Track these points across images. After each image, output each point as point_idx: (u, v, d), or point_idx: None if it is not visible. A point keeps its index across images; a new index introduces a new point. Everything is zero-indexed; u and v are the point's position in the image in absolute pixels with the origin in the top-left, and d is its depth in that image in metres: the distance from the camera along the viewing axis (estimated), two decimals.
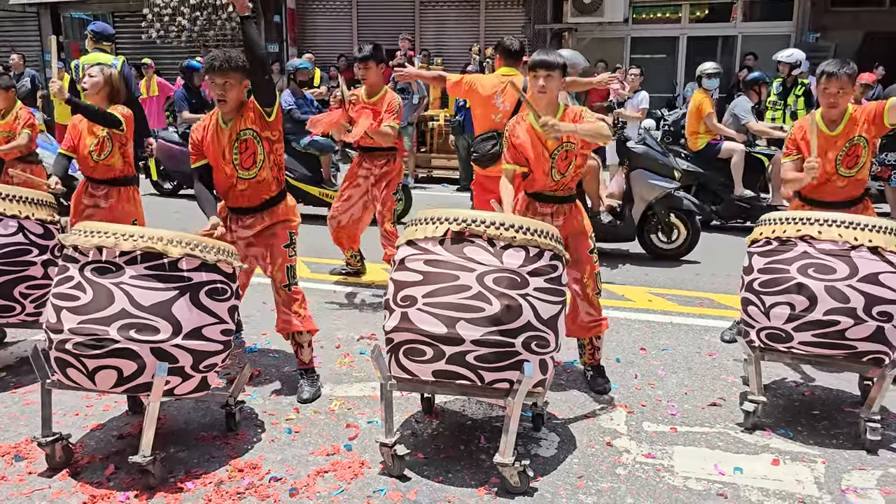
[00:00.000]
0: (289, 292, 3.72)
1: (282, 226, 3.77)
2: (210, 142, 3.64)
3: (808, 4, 12.88)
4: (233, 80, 3.50)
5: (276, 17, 14.97)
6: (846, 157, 3.89)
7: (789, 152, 4.04)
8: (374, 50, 5.32)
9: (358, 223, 5.72)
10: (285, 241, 3.76)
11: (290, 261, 3.76)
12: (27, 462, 3.10)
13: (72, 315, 2.85)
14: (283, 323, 3.74)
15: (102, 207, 4.50)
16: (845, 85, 3.78)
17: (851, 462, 3.17)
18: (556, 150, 3.59)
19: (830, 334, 3.20)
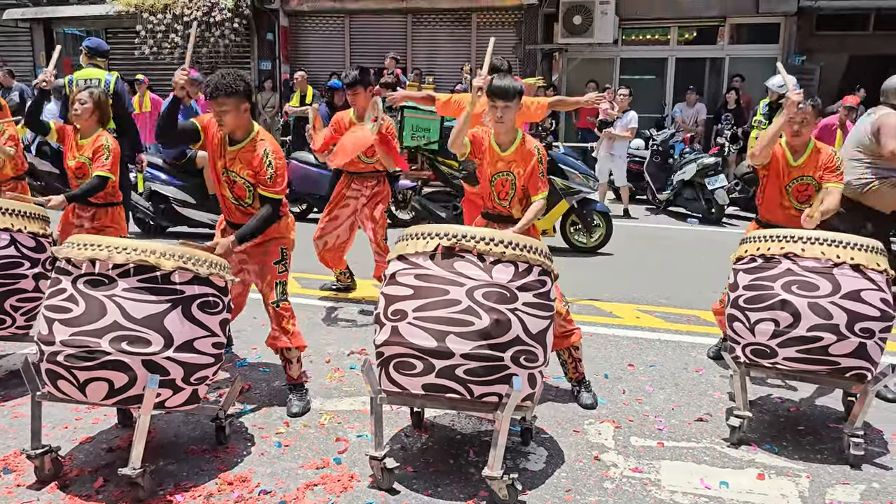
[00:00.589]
0: (276, 309, 3.74)
1: (275, 242, 3.82)
2: (213, 145, 3.72)
3: (794, 28, 13.08)
4: (228, 105, 3.55)
5: (269, 34, 15.07)
6: (796, 190, 4.10)
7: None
8: (361, 74, 5.33)
9: (344, 245, 5.74)
10: (276, 258, 3.80)
11: (280, 277, 3.79)
12: (16, 475, 3.10)
13: (64, 327, 2.87)
14: (271, 339, 3.77)
15: (87, 227, 4.56)
16: (808, 116, 3.99)
17: (835, 476, 3.21)
18: (496, 175, 3.81)
19: (814, 350, 3.25)
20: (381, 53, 13.37)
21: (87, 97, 4.49)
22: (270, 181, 3.62)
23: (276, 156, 3.66)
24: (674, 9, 13.50)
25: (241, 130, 3.66)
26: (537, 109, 5.21)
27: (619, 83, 13.25)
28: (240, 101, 3.57)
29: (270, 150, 3.65)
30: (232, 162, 3.67)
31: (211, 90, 3.51)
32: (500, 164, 3.79)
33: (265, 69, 15.12)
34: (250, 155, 3.64)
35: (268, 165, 3.62)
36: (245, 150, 3.65)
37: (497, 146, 3.80)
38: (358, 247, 6.02)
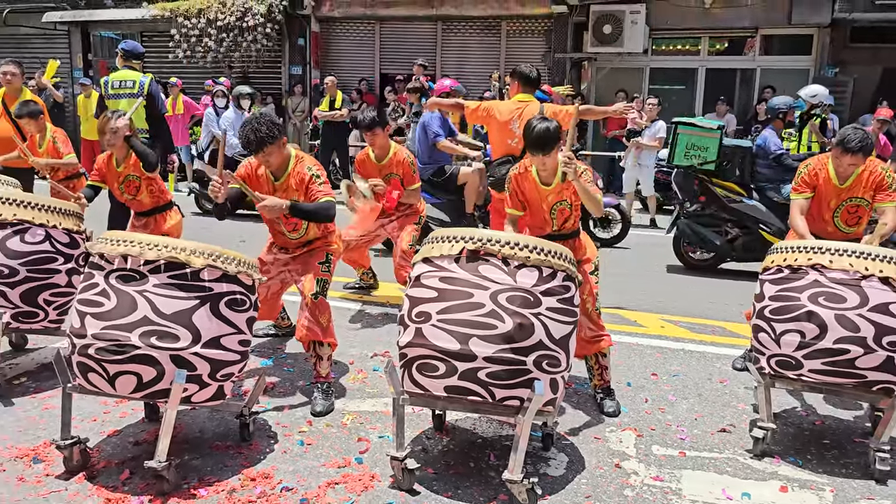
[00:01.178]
0: (315, 301, 3.80)
1: (322, 249, 4.02)
2: (260, 185, 3.87)
3: (828, 39, 12.93)
4: (273, 150, 3.72)
5: (301, 39, 15.23)
6: (846, 213, 4.00)
7: (801, 190, 4.11)
8: (378, 116, 5.38)
9: (368, 243, 5.83)
10: (321, 259, 3.97)
11: (323, 275, 3.92)
12: (45, 464, 3.17)
13: (95, 321, 2.93)
14: (305, 330, 3.79)
15: None
16: (859, 162, 3.94)
17: (860, 492, 3.17)
18: (556, 204, 3.74)
19: (840, 363, 3.22)
20: (411, 60, 13.44)
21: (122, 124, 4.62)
22: (321, 187, 3.79)
23: (318, 169, 3.87)
24: (705, 19, 13.42)
25: (283, 162, 3.84)
26: (565, 117, 5.22)
27: (648, 93, 13.19)
28: (279, 141, 3.74)
29: (312, 165, 3.86)
30: (286, 193, 3.82)
31: (256, 145, 3.67)
32: (551, 198, 3.73)
33: (296, 74, 15.28)
34: (298, 177, 3.82)
35: (315, 177, 3.81)
36: (291, 175, 3.83)
37: (542, 184, 3.73)
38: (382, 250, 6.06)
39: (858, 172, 4.00)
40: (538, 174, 3.73)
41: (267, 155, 3.71)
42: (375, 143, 5.44)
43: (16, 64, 6.53)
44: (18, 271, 3.85)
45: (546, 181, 3.73)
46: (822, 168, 4.09)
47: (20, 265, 3.85)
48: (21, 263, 3.85)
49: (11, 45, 16.83)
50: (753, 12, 13.12)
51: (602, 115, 6.13)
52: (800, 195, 4.13)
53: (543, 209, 3.77)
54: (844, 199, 3.99)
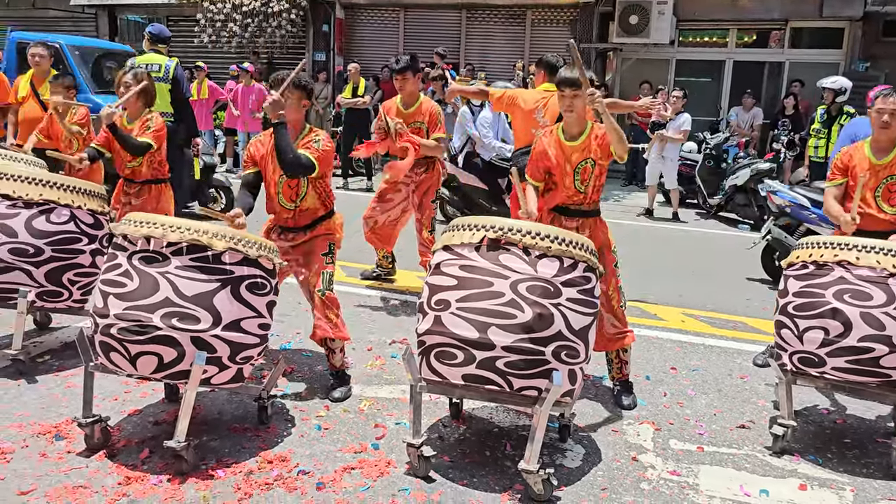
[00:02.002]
0: (322, 298, 3.75)
1: (324, 238, 3.90)
2: (267, 161, 3.80)
3: (859, 33, 12.70)
4: (292, 98, 3.67)
5: (325, 26, 15.23)
6: (887, 191, 3.87)
7: (833, 177, 4.03)
8: (411, 60, 5.38)
9: (395, 224, 5.80)
10: (324, 250, 3.87)
11: (327, 268, 3.83)
12: (67, 441, 3.22)
13: (118, 301, 2.96)
14: (318, 329, 3.76)
15: (134, 204, 4.71)
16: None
17: (881, 492, 3.13)
18: (580, 163, 3.66)
19: (864, 361, 3.17)
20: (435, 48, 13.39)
21: (132, 80, 4.62)
22: (317, 149, 3.71)
23: (326, 142, 3.77)
24: (733, 11, 13.23)
25: (296, 128, 3.77)
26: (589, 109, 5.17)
27: (673, 85, 13.05)
28: (302, 96, 3.71)
29: (322, 138, 3.77)
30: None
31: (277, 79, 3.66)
32: (576, 156, 3.66)
33: (319, 60, 15.29)
34: (304, 144, 3.73)
35: (314, 142, 3.74)
36: (299, 145, 3.74)
37: (566, 140, 3.69)
38: (402, 237, 6.06)
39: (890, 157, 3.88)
40: (563, 131, 3.70)
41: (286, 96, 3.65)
42: (405, 88, 5.40)
43: (44, 46, 6.59)
44: (44, 251, 3.89)
45: (572, 136, 3.68)
46: (857, 150, 4.00)
47: (45, 245, 3.89)
48: (46, 243, 3.90)
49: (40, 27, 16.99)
50: (783, 4, 12.92)
51: (627, 110, 6.08)
52: (832, 183, 4.06)
53: (567, 172, 3.67)
54: (884, 177, 3.87)
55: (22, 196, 3.90)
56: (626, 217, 9.96)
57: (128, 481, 2.91)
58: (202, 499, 2.82)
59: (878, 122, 3.87)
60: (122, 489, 2.86)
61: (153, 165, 4.74)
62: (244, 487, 2.91)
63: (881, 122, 3.86)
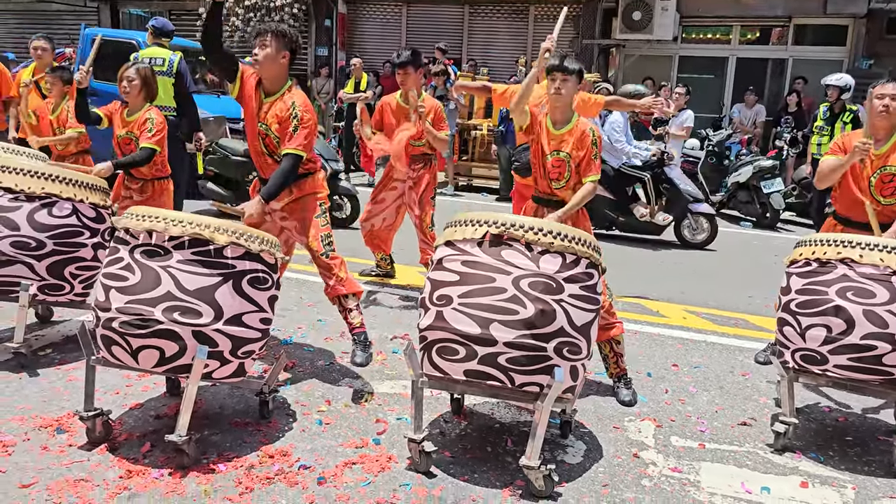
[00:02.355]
0: (327, 259, 3.82)
1: (311, 197, 3.91)
2: (249, 95, 3.77)
3: (863, 30, 12.68)
4: (269, 46, 3.63)
5: (327, 21, 15.21)
6: (880, 181, 3.84)
7: (833, 152, 3.98)
8: (413, 55, 5.35)
9: (391, 228, 5.79)
10: (316, 212, 3.89)
11: (324, 229, 3.87)
12: (68, 435, 3.22)
13: (120, 295, 2.96)
14: (329, 289, 3.86)
15: (136, 200, 4.71)
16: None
17: (883, 490, 3.13)
18: (548, 155, 3.76)
19: (867, 359, 3.17)
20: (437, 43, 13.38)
21: (134, 74, 4.61)
22: (294, 132, 3.66)
23: (303, 109, 3.69)
24: (737, 7, 13.20)
25: (277, 81, 3.74)
26: (593, 106, 5.18)
27: (676, 81, 13.02)
28: (281, 46, 3.66)
29: (299, 104, 3.70)
30: (265, 115, 3.74)
31: (260, 28, 3.66)
32: (552, 143, 3.75)
33: (322, 55, 15.27)
34: (280, 105, 3.70)
35: (293, 117, 3.66)
36: (276, 101, 3.72)
37: (551, 124, 3.79)
38: (402, 233, 6.05)
39: (894, 139, 3.84)
40: (550, 117, 3.78)
41: (263, 43, 3.61)
42: (406, 83, 5.37)
43: (46, 39, 6.57)
44: (45, 244, 3.89)
45: (556, 121, 3.76)
46: (856, 137, 3.95)
47: (47, 238, 3.89)
48: (48, 237, 3.89)
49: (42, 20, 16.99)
50: (787, 1, 12.88)
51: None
52: (830, 155, 4.00)
53: (539, 151, 3.78)
54: (879, 167, 3.84)
55: (24, 189, 3.89)
56: None
57: (129, 475, 2.91)
58: (203, 493, 2.83)
59: (878, 108, 3.82)
60: (124, 483, 2.86)
61: (155, 166, 4.75)
62: (245, 482, 2.91)
63: (881, 108, 3.80)
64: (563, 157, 3.74)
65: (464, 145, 11.96)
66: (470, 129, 11.86)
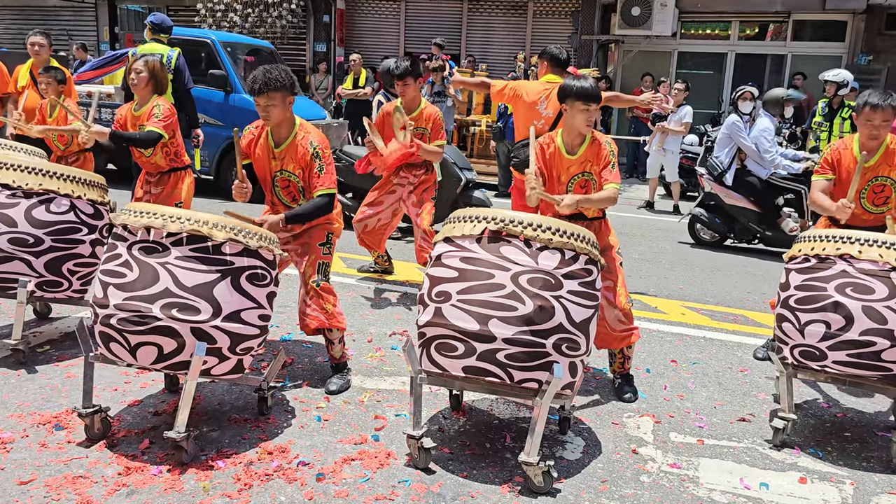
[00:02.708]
0: (317, 288, 3.72)
1: (322, 227, 3.85)
2: (259, 156, 3.77)
3: (862, 26, 12.67)
4: (275, 100, 3.59)
5: (326, 17, 15.18)
6: (872, 192, 3.87)
7: (823, 171, 4.01)
8: (412, 66, 5.33)
9: (385, 228, 5.77)
10: (322, 241, 3.82)
11: (324, 258, 3.80)
12: (67, 431, 3.21)
13: (118, 291, 2.95)
14: (308, 319, 3.71)
15: (153, 194, 4.73)
16: (889, 117, 3.78)
17: (881, 486, 3.13)
18: (575, 176, 3.65)
19: (866, 355, 3.17)
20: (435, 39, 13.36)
21: (142, 66, 4.61)
22: (321, 173, 3.64)
23: (322, 146, 3.68)
24: (736, 3, 13.19)
25: (286, 126, 3.70)
26: None
27: (675, 77, 13.01)
28: (286, 95, 3.62)
29: (316, 142, 3.68)
30: (284, 162, 3.72)
31: (259, 86, 3.54)
32: (573, 168, 3.64)
33: (320, 51, 15.24)
34: (300, 150, 3.67)
35: (315, 157, 3.65)
36: (291, 145, 3.69)
37: (565, 150, 3.64)
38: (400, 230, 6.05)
39: (884, 149, 3.86)
40: (563, 142, 3.65)
41: (269, 101, 3.55)
42: (406, 93, 5.36)
43: (44, 35, 6.55)
44: (43, 241, 3.88)
45: (571, 150, 3.64)
46: (846, 148, 3.98)
47: (45, 234, 3.88)
48: (46, 233, 3.89)
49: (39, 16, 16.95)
50: None
51: (629, 104, 6.06)
52: (820, 176, 4.03)
53: (560, 182, 3.65)
54: (870, 178, 3.87)
55: (22, 186, 3.89)
56: (627, 210, 9.95)
57: (128, 471, 2.91)
58: (202, 489, 2.82)
59: (867, 133, 3.85)
60: (122, 479, 2.85)
61: (170, 156, 4.74)
62: (244, 478, 2.91)
63: (870, 135, 3.85)
64: (588, 177, 3.64)
65: (462, 141, 11.96)
66: (468, 125, 11.85)
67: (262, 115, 3.63)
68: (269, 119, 3.63)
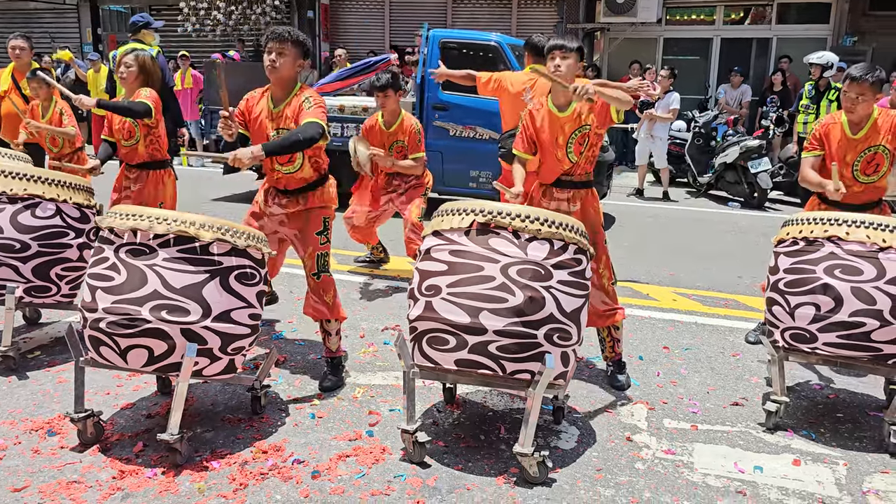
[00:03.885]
0: (318, 280, 3.75)
1: (317, 212, 3.80)
2: (257, 120, 3.70)
3: (846, 7, 12.69)
4: (287, 53, 3.56)
5: (310, 12, 15.10)
6: (864, 163, 3.87)
7: (812, 148, 4.01)
8: (393, 78, 5.36)
9: (374, 222, 5.79)
10: (318, 228, 3.79)
11: (322, 248, 3.79)
12: (60, 437, 3.20)
13: (106, 295, 2.93)
14: (311, 309, 3.80)
15: (133, 190, 4.67)
16: (865, 91, 3.76)
17: (874, 465, 3.15)
18: (574, 133, 3.61)
19: (856, 336, 3.18)
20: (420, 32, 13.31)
21: (132, 60, 4.58)
22: (309, 109, 3.56)
23: (315, 99, 3.62)
24: None
25: (288, 86, 3.64)
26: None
27: (661, 64, 13.01)
28: (298, 54, 3.61)
29: (311, 95, 3.63)
30: (282, 120, 3.64)
31: (279, 32, 3.55)
32: (568, 126, 3.60)
33: None
34: (293, 105, 3.62)
35: (305, 101, 3.58)
36: (289, 104, 3.63)
37: (556, 109, 3.62)
38: (392, 225, 6.04)
39: (871, 124, 3.86)
40: (552, 102, 3.64)
41: (282, 49, 3.52)
42: (387, 105, 5.38)
43: (25, 38, 6.49)
44: (30, 246, 3.85)
45: (561, 105, 3.62)
46: (835, 122, 3.96)
47: (31, 240, 3.85)
48: (32, 238, 3.86)
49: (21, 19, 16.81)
50: None
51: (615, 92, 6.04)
52: (810, 153, 4.02)
53: (559, 144, 3.62)
54: (861, 150, 3.85)
55: (6, 191, 3.86)
56: (616, 197, 9.95)
57: (122, 475, 2.90)
58: (197, 490, 2.82)
59: (844, 105, 3.86)
60: (117, 483, 2.84)
61: (152, 144, 4.65)
62: (239, 478, 2.90)
63: (846, 107, 3.85)
64: (587, 130, 3.61)
65: None
66: None
67: (270, 65, 3.56)
68: (276, 69, 3.56)
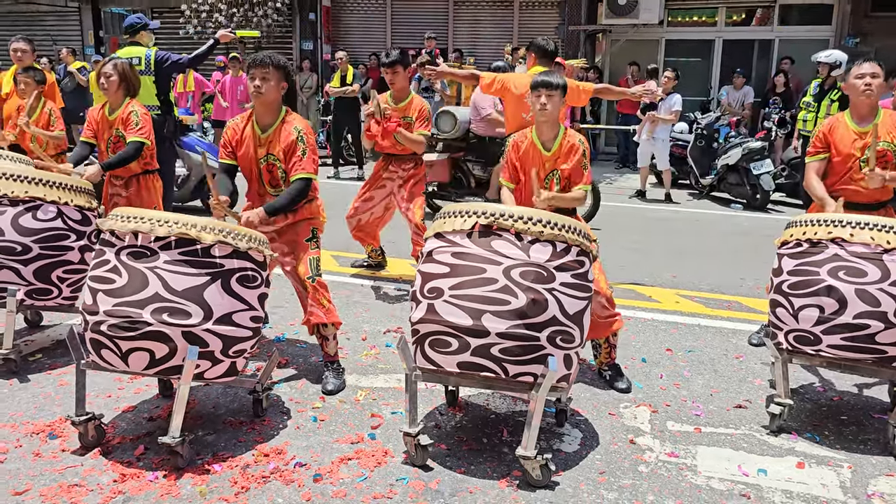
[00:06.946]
0: (312, 284, 3.73)
1: (306, 223, 3.83)
2: (244, 146, 3.74)
3: (848, 9, 12.67)
4: (271, 76, 3.60)
5: (312, 14, 15.10)
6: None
7: (816, 151, 3.99)
8: (401, 55, 5.37)
9: (378, 221, 5.78)
10: (307, 236, 3.81)
11: (313, 253, 3.79)
12: (61, 440, 3.19)
13: (107, 297, 2.92)
14: (311, 316, 3.76)
15: (123, 196, 4.67)
16: (877, 70, 3.77)
17: (879, 468, 3.13)
18: (550, 174, 3.68)
19: (860, 338, 3.17)
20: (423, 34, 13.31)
21: (111, 70, 4.54)
22: (303, 157, 3.64)
23: (307, 133, 3.69)
24: None
25: (274, 111, 3.70)
26: (582, 93, 5.17)
27: (663, 65, 13.00)
28: (282, 77, 3.64)
29: (302, 128, 3.68)
30: (270, 146, 3.69)
31: (260, 59, 3.59)
32: (548, 165, 3.66)
33: (307, 49, 15.17)
34: (284, 135, 3.67)
35: (300, 141, 3.65)
36: (277, 129, 3.68)
37: (541, 146, 3.66)
38: (394, 227, 6.03)
39: (879, 119, 3.83)
40: (538, 138, 3.67)
41: (265, 75, 3.57)
42: (395, 81, 5.38)
43: (26, 41, 6.49)
44: (31, 248, 3.85)
45: (545, 141, 3.66)
46: (838, 121, 3.94)
47: (33, 242, 3.85)
48: (34, 241, 3.85)
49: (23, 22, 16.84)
50: None
51: (619, 97, 6.09)
52: (814, 157, 4.00)
53: (539, 177, 3.64)
54: (868, 145, 3.82)
55: (7, 194, 3.86)
56: (618, 199, 9.94)
57: (123, 478, 2.89)
58: (199, 494, 2.80)
59: (860, 87, 3.81)
60: (118, 486, 2.83)
61: (144, 159, 4.68)
62: (241, 481, 2.89)
63: (863, 87, 3.79)
64: (554, 176, 3.68)
65: None
66: None
67: (254, 91, 3.60)
68: (261, 94, 3.60)
